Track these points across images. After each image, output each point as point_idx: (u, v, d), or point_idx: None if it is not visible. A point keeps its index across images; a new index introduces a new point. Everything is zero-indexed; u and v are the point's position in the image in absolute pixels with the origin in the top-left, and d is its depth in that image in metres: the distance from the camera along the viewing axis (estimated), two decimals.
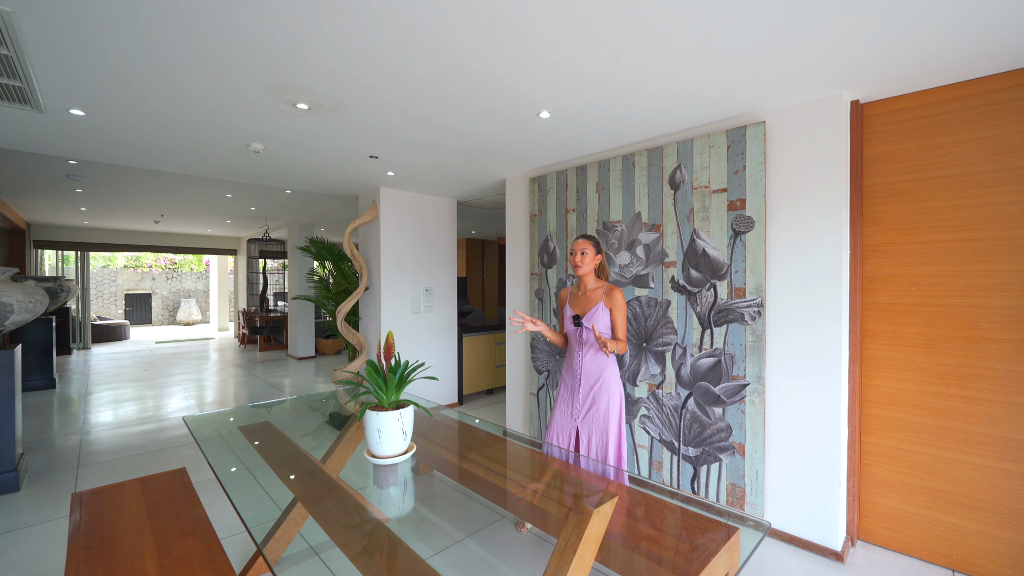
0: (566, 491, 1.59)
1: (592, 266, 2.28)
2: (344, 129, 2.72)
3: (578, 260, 2.26)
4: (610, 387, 2.22)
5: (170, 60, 1.88)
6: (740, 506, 2.48)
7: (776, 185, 2.38)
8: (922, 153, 2.17)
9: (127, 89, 2.16)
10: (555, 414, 2.36)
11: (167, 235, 9.98)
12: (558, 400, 2.37)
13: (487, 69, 1.96)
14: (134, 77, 2.04)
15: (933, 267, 2.14)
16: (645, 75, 2.02)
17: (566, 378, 2.35)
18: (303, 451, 1.78)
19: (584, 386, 2.25)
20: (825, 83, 2.11)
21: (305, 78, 2.05)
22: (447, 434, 2.04)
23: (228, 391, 5.70)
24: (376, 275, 4.42)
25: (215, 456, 1.83)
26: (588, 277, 2.29)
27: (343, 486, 1.55)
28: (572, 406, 2.29)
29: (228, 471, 1.69)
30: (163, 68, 1.95)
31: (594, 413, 2.22)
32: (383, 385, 1.63)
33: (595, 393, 2.23)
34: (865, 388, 2.32)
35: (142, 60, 1.88)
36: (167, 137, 2.85)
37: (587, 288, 2.30)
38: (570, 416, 2.29)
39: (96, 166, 4.28)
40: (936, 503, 2.13)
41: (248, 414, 2.85)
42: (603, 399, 2.21)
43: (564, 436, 2.31)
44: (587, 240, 2.28)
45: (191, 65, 1.93)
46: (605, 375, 2.22)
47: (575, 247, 2.28)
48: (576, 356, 2.29)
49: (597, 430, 2.21)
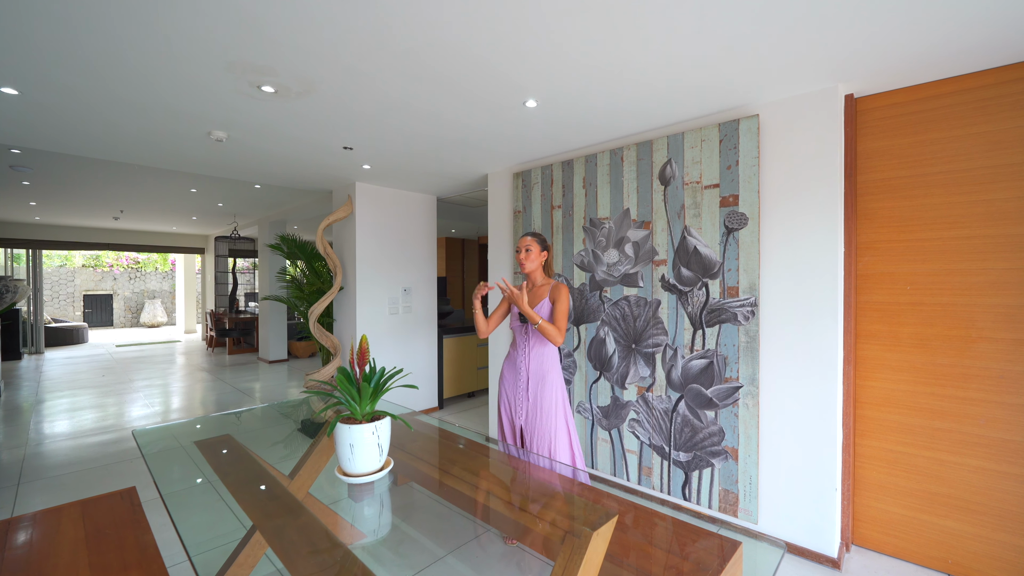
0: (555, 508, 1.46)
1: (538, 263, 2.27)
2: (315, 116, 2.52)
3: (523, 257, 2.25)
4: (554, 387, 2.19)
5: (114, 30, 1.67)
6: (733, 512, 2.40)
7: (770, 180, 2.30)
8: (917, 149, 2.12)
9: (65, 65, 1.92)
10: (500, 415, 2.35)
11: (128, 232, 9.46)
12: (501, 399, 2.32)
13: (470, 48, 1.81)
14: (72, 50, 1.81)
15: (928, 265, 2.10)
16: (639, 60, 1.91)
17: (507, 376, 2.30)
18: (266, 468, 1.60)
19: (529, 386, 2.20)
20: (821, 75, 2.04)
21: (269, 56, 1.86)
22: (426, 445, 1.88)
23: (193, 398, 5.38)
24: (351, 274, 4.21)
25: (164, 475, 1.63)
26: (535, 274, 2.28)
27: (309, 509, 1.38)
28: (515, 405, 2.25)
29: (176, 491, 1.50)
30: (107, 40, 1.74)
31: (538, 414, 2.18)
32: (356, 395, 1.46)
33: (539, 394, 2.19)
34: (859, 389, 2.27)
35: (81, 30, 1.66)
36: (116, 122, 2.59)
37: (534, 285, 2.29)
38: (515, 415, 2.26)
39: (44, 156, 3.94)
40: (932, 506, 2.09)
41: (210, 424, 2.62)
42: (548, 400, 2.17)
43: (510, 436, 2.29)
44: (532, 237, 2.27)
45: (139, 38, 1.72)
46: (549, 378, 2.19)
47: (520, 244, 2.28)
48: (521, 355, 2.25)
49: (542, 431, 2.18)
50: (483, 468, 1.70)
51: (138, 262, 15.73)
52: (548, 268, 2.35)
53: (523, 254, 2.25)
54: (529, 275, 2.29)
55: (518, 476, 1.65)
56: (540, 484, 1.61)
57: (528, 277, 2.31)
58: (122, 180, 4.95)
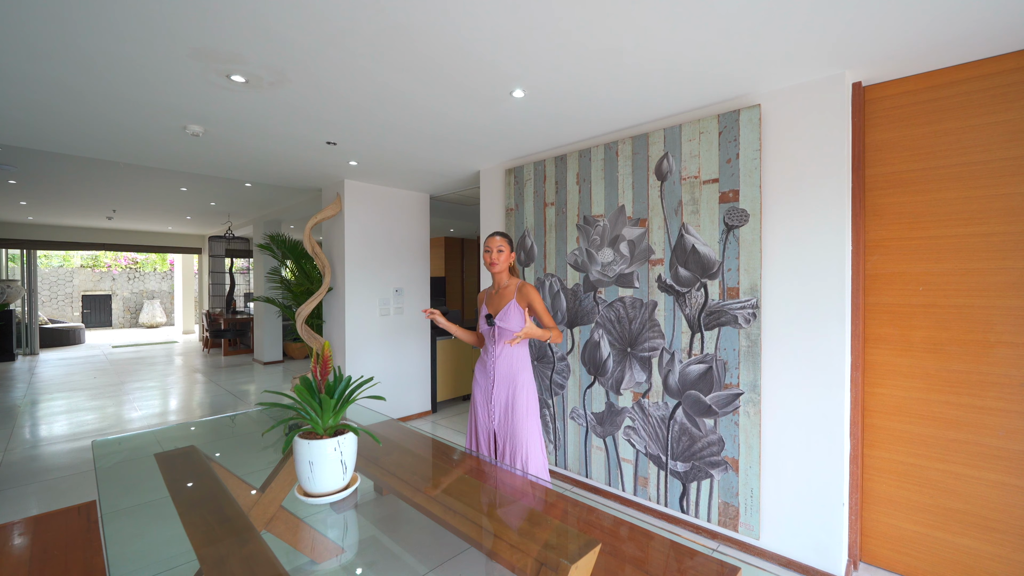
0: (533, 534, 1.33)
1: (507, 264, 2.24)
2: (292, 108, 2.40)
3: (494, 258, 2.21)
4: (526, 390, 2.16)
5: (60, 12, 1.55)
6: (733, 527, 2.26)
7: (772, 175, 2.17)
8: (929, 140, 1.98)
9: (16, 49, 1.80)
10: (471, 418, 2.31)
11: (124, 232, 9.38)
12: (473, 403, 2.29)
13: (448, 32, 1.69)
14: (21, 32, 1.69)
15: (942, 264, 1.95)
16: (633, 45, 1.77)
17: (479, 380, 2.27)
18: (225, 485, 1.48)
19: (498, 388, 2.18)
20: (826, 61, 1.90)
21: (235, 41, 1.74)
22: (402, 459, 1.75)
23: (183, 401, 5.28)
24: (340, 274, 4.08)
25: (116, 492, 1.52)
26: (502, 275, 2.25)
27: (261, 536, 1.25)
28: (488, 408, 2.21)
29: (124, 508, 1.38)
30: (60, 23, 1.62)
31: (512, 418, 2.15)
32: (317, 407, 1.34)
33: (510, 397, 2.15)
34: (867, 397, 2.13)
35: (28, 9, 1.54)
36: (82, 115, 2.47)
37: (500, 286, 2.26)
38: (486, 419, 2.22)
39: (25, 153, 3.84)
40: (946, 522, 1.95)
41: (182, 433, 2.51)
42: (521, 404, 2.14)
43: (483, 440, 2.24)
44: (501, 237, 2.23)
45: (94, 20, 1.60)
46: (520, 379, 2.17)
47: (489, 244, 2.23)
48: (489, 357, 2.21)
49: (517, 436, 2.14)
50: (459, 485, 1.57)
51: (136, 262, 15.68)
52: (513, 268, 2.32)
53: (494, 254, 2.20)
54: (496, 276, 2.25)
55: (495, 494, 1.52)
56: (518, 504, 1.48)
57: (494, 278, 2.26)
58: (110, 178, 4.85)
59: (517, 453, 2.12)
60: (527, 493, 1.53)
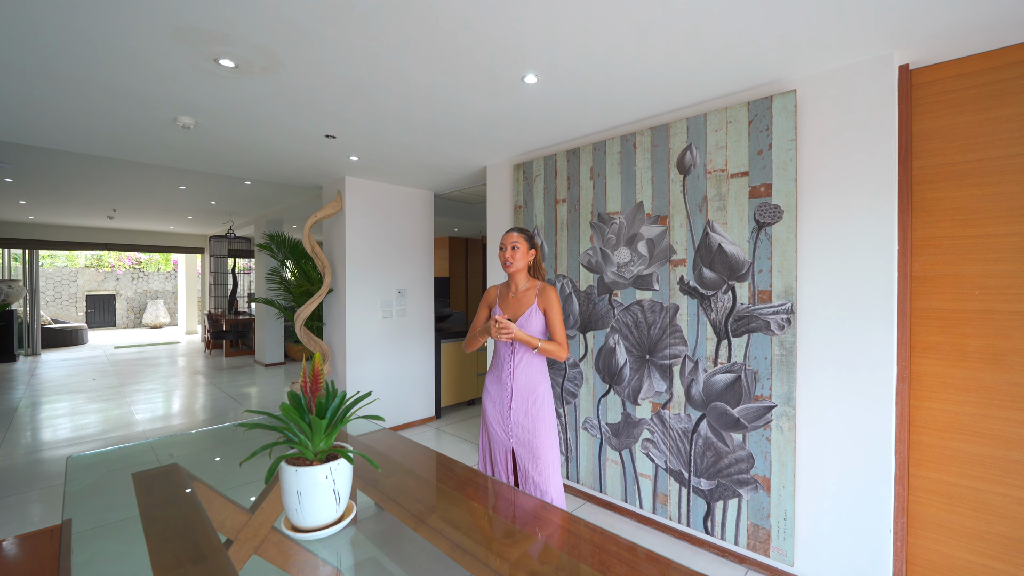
0: None
1: (525, 262, 2.02)
2: (286, 97, 2.24)
3: (508, 255, 1.99)
4: (547, 403, 1.97)
5: None
6: (764, 552, 2.08)
7: (809, 168, 1.98)
8: (988, 127, 1.78)
9: None
10: (485, 435, 2.08)
11: (126, 232, 9.28)
12: (485, 419, 2.06)
13: (458, 7, 1.51)
14: None
15: (1002, 266, 1.76)
16: (659, 23, 1.60)
17: (492, 392, 2.03)
18: (206, 516, 1.31)
19: (516, 401, 1.97)
20: (872, 40, 1.71)
21: (222, 19, 1.58)
22: (404, 483, 1.58)
23: (182, 405, 5.14)
24: (341, 275, 3.93)
25: (82, 517, 1.36)
26: (520, 275, 2.03)
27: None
28: (505, 424, 1.98)
29: (87, 536, 1.22)
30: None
31: (535, 436, 1.94)
32: (307, 429, 1.17)
33: (532, 412, 1.95)
34: (914, 411, 1.94)
35: None
36: (64, 104, 2.32)
37: (518, 288, 2.02)
38: (504, 435, 1.99)
39: (20, 150, 3.71)
40: (1006, 553, 1.75)
41: (168, 445, 2.35)
42: (543, 420, 1.95)
43: (500, 459, 2.02)
44: (519, 233, 2.02)
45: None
46: (539, 391, 1.97)
47: (504, 241, 2.02)
48: (505, 367, 1.99)
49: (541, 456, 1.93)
50: (470, 516, 1.40)
51: (140, 262, 15.65)
52: (536, 269, 2.08)
53: (508, 252, 2.00)
54: (512, 276, 2.02)
55: (515, 531, 1.34)
56: (544, 545, 1.30)
57: (511, 278, 2.04)
58: (107, 176, 4.72)
59: (541, 474, 1.93)
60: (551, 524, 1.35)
